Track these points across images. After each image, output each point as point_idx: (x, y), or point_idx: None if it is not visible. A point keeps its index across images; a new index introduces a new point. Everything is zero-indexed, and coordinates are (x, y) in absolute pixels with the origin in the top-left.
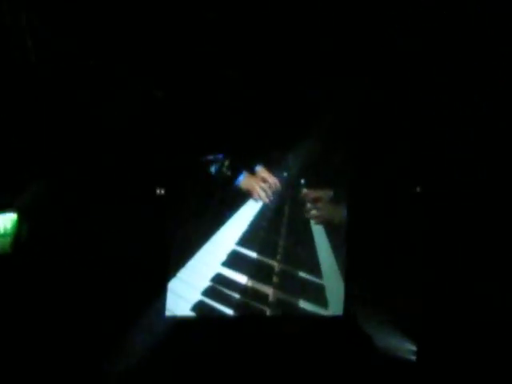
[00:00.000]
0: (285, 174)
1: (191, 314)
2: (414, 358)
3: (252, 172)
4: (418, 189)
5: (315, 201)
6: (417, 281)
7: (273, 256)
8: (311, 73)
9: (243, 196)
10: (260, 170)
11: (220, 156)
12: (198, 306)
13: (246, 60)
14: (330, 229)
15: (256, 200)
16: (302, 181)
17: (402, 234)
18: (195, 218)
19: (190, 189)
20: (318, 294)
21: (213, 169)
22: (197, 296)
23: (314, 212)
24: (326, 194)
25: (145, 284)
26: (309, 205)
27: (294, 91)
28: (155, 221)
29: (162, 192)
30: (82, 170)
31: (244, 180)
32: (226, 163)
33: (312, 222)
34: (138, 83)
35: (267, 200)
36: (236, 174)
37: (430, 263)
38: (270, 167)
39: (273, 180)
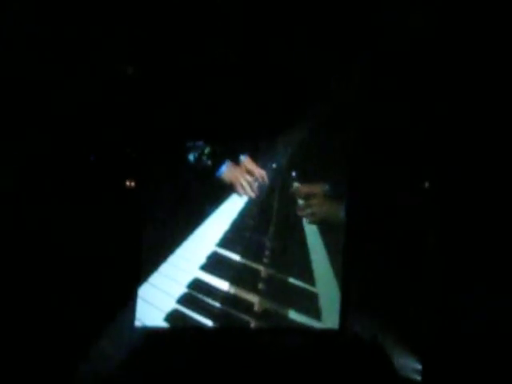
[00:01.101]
0: (273, 166)
1: (164, 324)
2: (418, 377)
3: (236, 162)
4: (427, 184)
5: (308, 196)
6: (425, 291)
7: (259, 259)
8: (306, 49)
9: (225, 190)
10: (245, 160)
11: (200, 143)
12: (173, 316)
13: (233, 34)
14: (326, 229)
15: (240, 195)
16: (293, 173)
17: (409, 237)
18: (170, 215)
19: (164, 180)
20: (310, 304)
21: (191, 157)
22: (171, 304)
23: (306, 209)
24: (320, 188)
25: (111, 290)
26: (301, 201)
27: (286, 70)
28: (124, 217)
29: (133, 184)
30: (34, 158)
31: (227, 171)
32: (207, 151)
33: (304, 220)
34: (104, 56)
35: (253, 195)
36: (218, 163)
37: (442, 271)
38: (257, 157)
39: (259, 172)
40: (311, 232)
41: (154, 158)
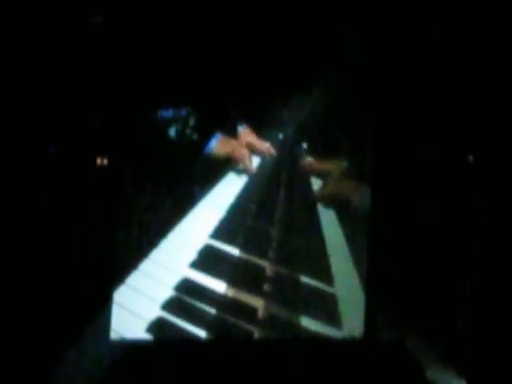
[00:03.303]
0: (279, 136)
1: (146, 336)
2: None
3: (230, 134)
4: (471, 158)
5: (323, 175)
6: (469, 293)
7: (263, 254)
8: None
9: (219, 167)
10: (243, 131)
11: (183, 112)
12: (157, 326)
13: None
14: (345, 215)
15: (238, 172)
16: (304, 145)
17: (450, 224)
18: (152, 199)
19: (143, 159)
20: (327, 308)
21: (172, 131)
22: (155, 311)
23: (320, 191)
24: (337, 165)
25: (80, 293)
26: (315, 180)
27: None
28: (95, 203)
29: (105, 162)
30: None
31: (218, 144)
32: (191, 122)
33: (319, 204)
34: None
35: (253, 170)
36: (205, 137)
37: (490, 267)
38: (258, 126)
39: (263, 145)
40: (328, 219)
41: (131, 131)
